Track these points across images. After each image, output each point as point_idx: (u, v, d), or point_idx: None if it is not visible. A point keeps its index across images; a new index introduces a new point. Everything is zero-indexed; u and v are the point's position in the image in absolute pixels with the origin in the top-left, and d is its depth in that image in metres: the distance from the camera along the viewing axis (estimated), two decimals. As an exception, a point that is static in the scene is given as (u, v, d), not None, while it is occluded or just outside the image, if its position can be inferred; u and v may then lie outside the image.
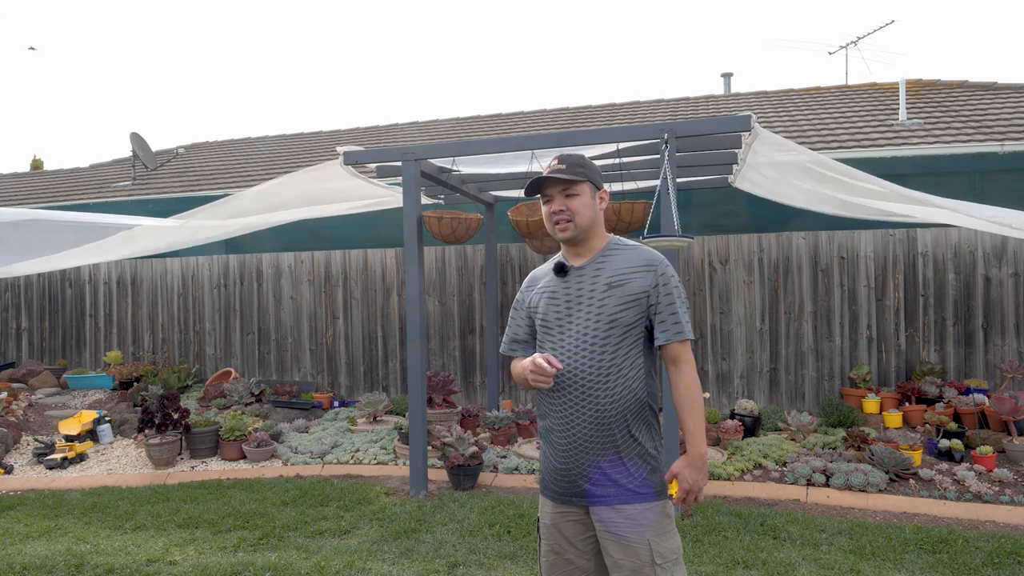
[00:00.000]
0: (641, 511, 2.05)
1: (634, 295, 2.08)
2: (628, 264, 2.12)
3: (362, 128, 12.14)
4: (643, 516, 2.05)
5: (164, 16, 51.90)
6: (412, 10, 57.73)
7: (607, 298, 2.09)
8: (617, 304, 2.08)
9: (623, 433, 2.08)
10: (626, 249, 2.17)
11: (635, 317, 2.09)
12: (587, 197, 2.15)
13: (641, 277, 2.09)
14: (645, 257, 2.13)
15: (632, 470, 2.07)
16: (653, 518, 2.06)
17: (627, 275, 2.10)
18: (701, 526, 4.27)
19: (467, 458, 5.21)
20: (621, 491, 2.06)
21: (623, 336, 2.08)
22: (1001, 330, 6.60)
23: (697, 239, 7.25)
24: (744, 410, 6.32)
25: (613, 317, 2.08)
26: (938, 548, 3.90)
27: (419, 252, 5.22)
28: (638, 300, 2.08)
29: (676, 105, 10.65)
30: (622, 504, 2.06)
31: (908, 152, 7.00)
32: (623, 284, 2.09)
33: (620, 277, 2.10)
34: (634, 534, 2.04)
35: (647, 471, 2.09)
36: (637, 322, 2.09)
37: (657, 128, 4.71)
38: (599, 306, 2.09)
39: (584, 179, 2.15)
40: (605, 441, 2.08)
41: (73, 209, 9.71)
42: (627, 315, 2.08)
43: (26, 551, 4.16)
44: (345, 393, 8.33)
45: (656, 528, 2.05)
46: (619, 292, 2.09)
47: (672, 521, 2.11)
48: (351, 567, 3.78)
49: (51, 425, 7.28)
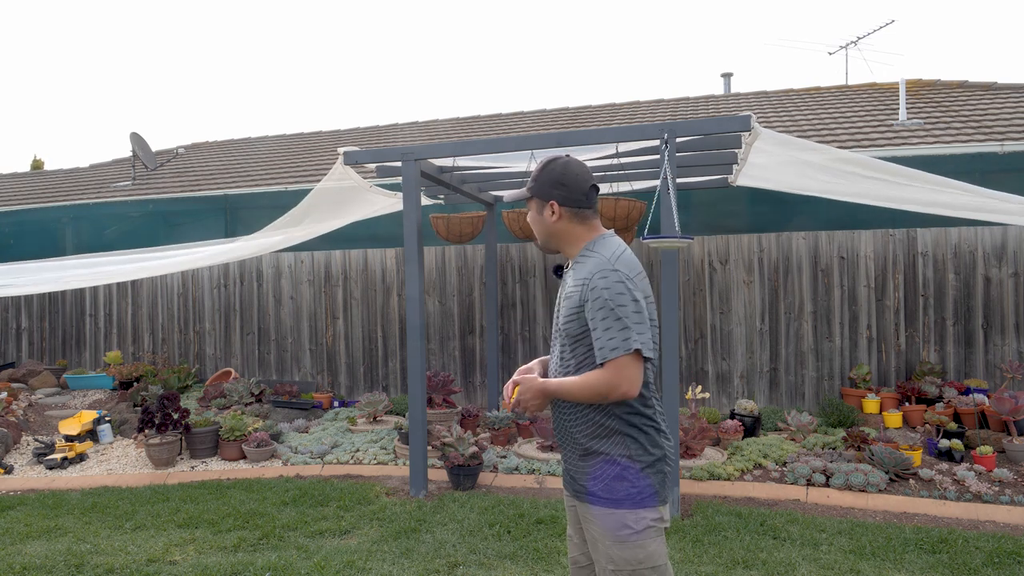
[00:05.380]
0: (602, 515, 2.06)
1: (575, 308, 2.07)
2: (579, 276, 2.10)
3: (362, 128, 12.14)
4: (603, 520, 2.06)
5: (164, 16, 51.90)
6: (412, 10, 57.75)
7: (562, 308, 2.15)
8: (565, 315, 2.12)
9: (579, 439, 2.11)
10: (589, 257, 2.11)
11: (579, 329, 2.07)
12: (534, 212, 2.22)
13: (579, 291, 2.06)
14: (587, 271, 2.07)
15: (597, 473, 2.08)
16: (612, 524, 2.04)
17: (574, 288, 2.09)
18: (701, 526, 4.27)
19: (467, 458, 5.21)
20: (590, 490, 2.09)
21: (574, 346, 2.10)
22: (1001, 330, 6.60)
23: (697, 239, 7.25)
24: (744, 410, 6.32)
25: (564, 328, 2.13)
26: (938, 548, 3.90)
27: (419, 252, 5.22)
28: (578, 314, 2.06)
29: (676, 105, 10.65)
30: (588, 504, 2.10)
31: (908, 152, 6.99)
32: (570, 296, 2.10)
33: (571, 289, 2.11)
34: (597, 534, 2.08)
35: (611, 476, 2.05)
36: (583, 334, 2.07)
37: (657, 128, 4.71)
38: (556, 316, 2.20)
39: (530, 195, 2.21)
40: (573, 444, 2.14)
41: (73, 209, 9.74)
42: (572, 327, 2.09)
43: (26, 551, 4.17)
44: (345, 393, 8.33)
45: (613, 535, 2.03)
46: (568, 304, 2.11)
47: (641, 534, 2.02)
48: (351, 567, 3.78)
49: (51, 425, 7.28)
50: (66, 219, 9.74)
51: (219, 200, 9.05)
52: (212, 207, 9.09)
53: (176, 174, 10.61)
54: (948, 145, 7.00)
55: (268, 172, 9.83)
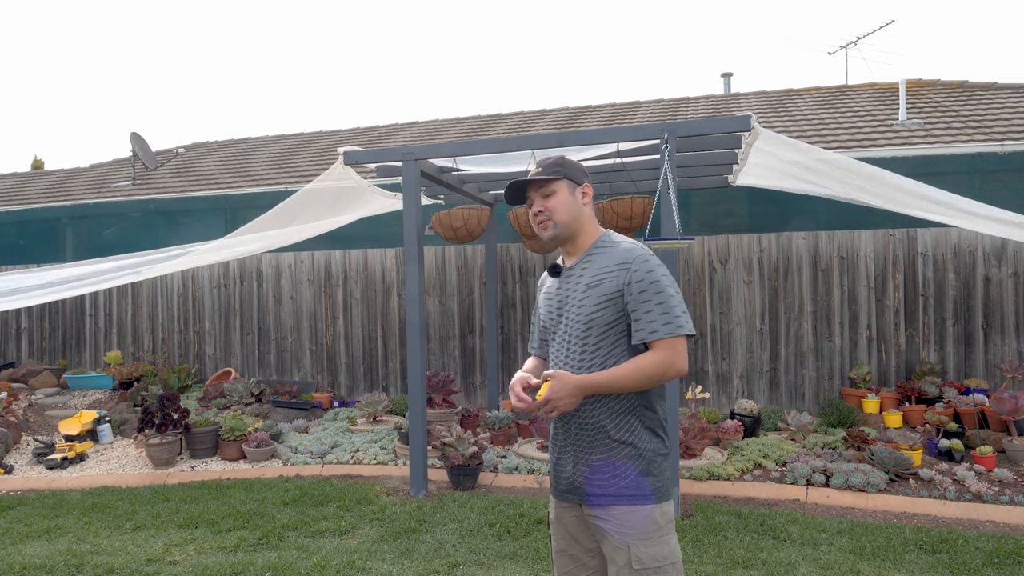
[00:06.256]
0: (627, 513, 2.04)
1: (608, 295, 2.07)
2: (607, 263, 2.11)
3: (362, 128, 12.14)
4: (628, 518, 2.03)
5: (164, 16, 51.91)
6: (412, 10, 57.75)
7: (586, 299, 2.11)
8: (593, 304, 2.09)
9: (612, 433, 2.08)
10: (610, 247, 2.15)
11: (612, 317, 2.07)
12: (565, 194, 2.16)
13: (616, 276, 2.08)
14: (622, 255, 2.10)
15: (622, 471, 2.06)
16: (638, 521, 2.03)
17: (605, 275, 2.10)
18: (701, 526, 4.27)
19: (467, 458, 5.21)
20: (609, 491, 2.06)
21: (602, 336, 2.08)
22: (1001, 330, 6.60)
23: (697, 239, 7.25)
24: (744, 410, 6.32)
25: (590, 318, 2.09)
26: (938, 548, 3.90)
27: (419, 252, 5.22)
28: (613, 300, 2.07)
29: (676, 105, 10.65)
30: (610, 504, 2.06)
31: (908, 152, 7.00)
32: (599, 284, 2.09)
33: (598, 277, 2.10)
34: (616, 534, 2.04)
35: (638, 471, 2.06)
36: (616, 321, 2.08)
37: (657, 128, 4.71)
38: (579, 307, 2.12)
39: (559, 176, 2.16)
40: (594, 442, 2.09)
41: (73, 209, 9.75)
42: (604, 315, 2.08)
43: (26, 551, 4.17)
44: (345, 393, 8.33)
45: (640, 532, 2.02)
46: (596, 293, 2.09)
47: (663, 529, 2.05)
48: (351, 567, 3.78)
49: (51, 425, 7.28)
50: (66, 219, 9.75)
51: (219, 200, 9.05)
52: (212, 207, 9.10)
53: (176, 174, 10.61)
54: (948, 145, 7.00)
55: (268, 172, 9.83)
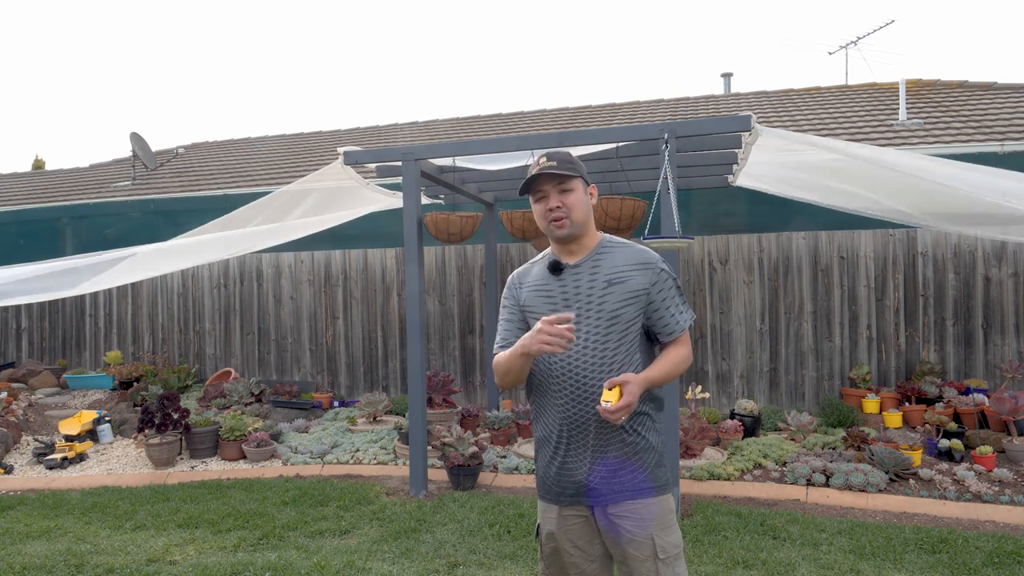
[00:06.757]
0: (646, 506, 2.07)
1: (634, 292, 2.10)
2: (626, 261, 2.14)
3: (362, 128, 12.14)
4: (647, 511, 2.06)
5: (164, 16, 51.90)
6: (412, 10, 57.72)
7: (607, 295, 2.09)
8: (618, 301, 2.09)
9: (628, 430, 2.09)
10: (621, 247, 2.19)
11: (635, 313, 2.11)
12: (581, 193, 2.16)
13: (640, 275, 2.12)
14: (638, 256, 2.16)
15: (636, 466, 2.08)
16: (659, 512, 2.08)
17: (626, 272, 2.11)
18: (701, 526, 4.27)
19: (467, 458, 5.21)
20: (625, 488, 2.07)
21: (624, 333, 2.10)
22: (1001, 330, 6.60)
23: (697, 239, 7.25)
24: (744, 410, 6.32)
25: (614, 314, 2.08)
26: (938, 548, 3.90)
27: (419, 252, 5.22)
28: (637, 297, 2.10)
29: (676, 105, 10.65)
30: (626, 500, 2.07)
31: (908, 152, 6.99)
32: (623, 281, 2.10)
33: (620, 274, 2.11)
34: (638, 529, 2.05)
35: (651, 466, 2.11)
36: (636, 318, 2.12)
37: (657, 128, 4.71)
38: (599, 303, 2.09)
39: (577, 175, 2.15)
40: (609, 438, 2.08)
41: (73, 209, 9.74)
42: (628, 311, 2.10)
43: (26, 551, 4.17)
44: (345, 393, 8.33)
45: (660, 522, 2.07)
46: (620, 289, 2.10)
47: (674, 516, 2.13)
48: (351, 567, 3.78)
49: (51, 425, 7.28)
50: (66, 219, 9.75)
51: (219, 200, 9.04)
52: (212, 207, 9.07)
53: (176, 174, 10.61)
54: (948, 145, 7.00)
55: (268, 172, 9.83)
